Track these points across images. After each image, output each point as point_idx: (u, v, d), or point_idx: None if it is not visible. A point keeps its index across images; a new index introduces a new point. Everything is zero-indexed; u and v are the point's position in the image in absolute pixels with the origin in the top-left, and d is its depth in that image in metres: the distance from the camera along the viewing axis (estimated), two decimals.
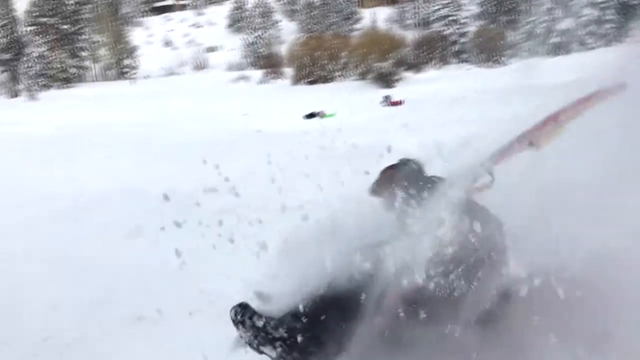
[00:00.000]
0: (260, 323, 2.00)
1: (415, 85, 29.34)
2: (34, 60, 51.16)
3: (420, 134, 8.65)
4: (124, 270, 4.53)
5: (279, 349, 2.00)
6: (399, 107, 18.67)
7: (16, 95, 48.17)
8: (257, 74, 49.71)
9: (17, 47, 54.63)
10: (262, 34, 63.74)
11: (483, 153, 2.33)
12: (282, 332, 1.98)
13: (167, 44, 73.61)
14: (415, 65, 42.84)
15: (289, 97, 31.57)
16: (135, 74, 58.00)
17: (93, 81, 58.23)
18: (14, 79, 52.97)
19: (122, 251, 5.02)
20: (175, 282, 4.05)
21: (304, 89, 37.47)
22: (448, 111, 11.80)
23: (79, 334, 3.28)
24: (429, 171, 3.12)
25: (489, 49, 45.15)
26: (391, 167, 2.55)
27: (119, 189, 7.52)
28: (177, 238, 5.06)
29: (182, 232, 4.75)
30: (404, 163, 2.63)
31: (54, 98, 43.65)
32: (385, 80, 35.03)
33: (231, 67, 60.81)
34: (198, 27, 79.98)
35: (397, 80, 35.34)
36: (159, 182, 7.76)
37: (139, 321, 3.60)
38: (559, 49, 38.53)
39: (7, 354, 3.05)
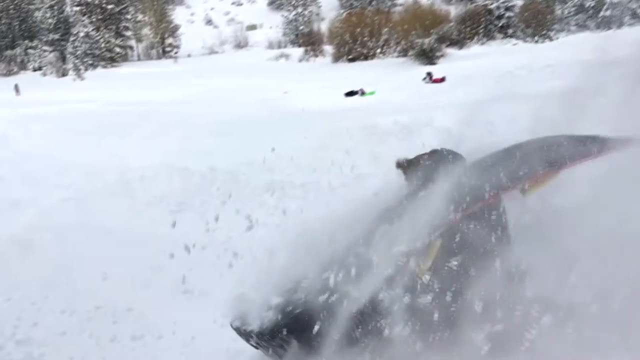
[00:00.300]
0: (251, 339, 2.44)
1: (458, 62, 28.60)
2: (80, 40, 52.43)
3: (464, 111, 8.45)
4: (171, 243, 4.64)
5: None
6: (441, 84, 18.26)
7: (64, 75, 49.57)
8: (297, 51, 49.52)
9: (64, 27, 56.05)
10: (302, 11, 63.19)
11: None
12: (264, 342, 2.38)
13: (209, 22, 74.04)
14: (459, 41, 41.69)
15: (329, 74, 31.36)
16: (177, 52, 58.76)
17: (137, 60, 59.33)
18: (62, 58, 54.52)
19: (168, 225, 5.14)
20: (220, 255, 4.14)
21: (344, 67, 37.15)
22: (494, 88, 11.46)
23: (128, 304, 3.40)
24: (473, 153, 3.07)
25: (536, 24, 43.46)
26: (426, 154, 2.87)
27: (164, 165, 7.69)
28: (221, 212, 5.16)
29: (227, 207, 4.85)
30: (438, 152, 2.70)
31: (100, 77, 44.73)
32: (428, 56, 34.30)
33: (271, 45, 60.77)
34: (239, 5, 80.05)
35: (439, 57, 34.56)
36: (203, 158, 7.91)
37: (184, 294, 3.70)
38: (610, 23, 36.76)
39: (64, 320, 3.20)
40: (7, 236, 5.40)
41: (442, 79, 18.89)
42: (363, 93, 18.67)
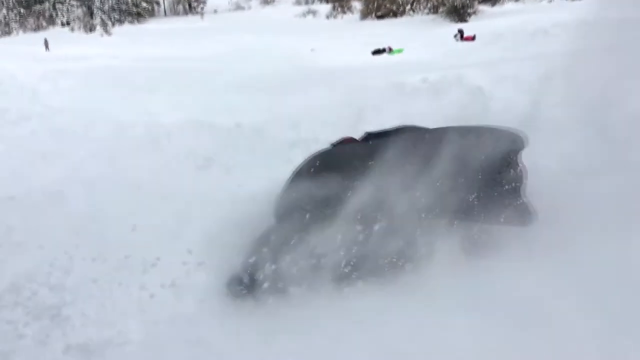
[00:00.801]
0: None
1: (491, 19, 27.65)
2: None
3: (495, 69, 8.22)
4: (198, 197, 4.70)
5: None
6: (472, 42, 17.74)
7: (92, 30, 49.75)
8: (325, 8, 48.63)
9: None
10: None
11: None
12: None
13: None
14: None
15: (357, 31, 30.73)
16: (203, 8, 58.26)
17: (163, 16, 59.06)
18: (90, 13, 54.59)
19: (196, 180, 5.20)
20: (245, 209, 4.17)
21: (372, 24, 36.35)
22: (527, 46, 11.10)
23: (156, 255, 3.46)
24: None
25: None
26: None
27: (191, 121, 7.71)
28: (247, 168, 5.17)
29: (252, 161, 4.87)
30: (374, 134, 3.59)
31: (127, 32, 44.75)
32: (459, 14, 33.29)
33: (299, 1, 59.75)
34: None
35: (471, 14, 33.52)
36: (229, 114, 7.90)
37: (209, 245, 3.75)
38: None
39: (95, 268, 3.29)
40: (38, 187, 5.53)
41: (473, 37, 18.35)
42: (391, 50, 18.29)
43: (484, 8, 35.85)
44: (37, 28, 55.61)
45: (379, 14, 40.01)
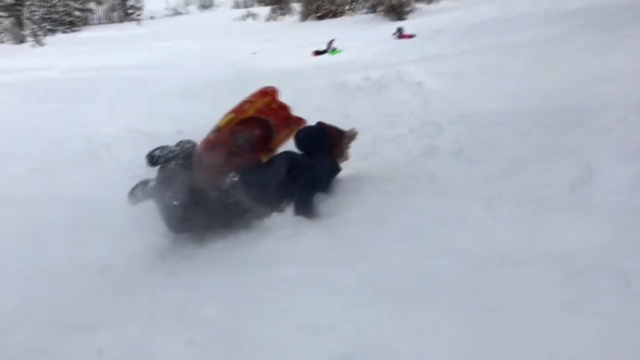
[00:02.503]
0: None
1: (428, 17, 28.33)
2: (37, 4, 50.20)
3: (435, 64, 8.41)
4: (142, 211, 4.57)
5: None
6: (411, 39, 18.10)
7: (22, 41, 47.60)
8: (264, 10, 48.42)
9: None
10: None
11: None
12: None
13: None
14: None
15: (297, 33, 30.79)
16: (140, 15, 56.83)
17: (98, 24, 57.22)
18: (19, 24, 52.20)
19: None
20: None
21: (313, 25, 36.49)
22: (464, 41, 11.41)
23: (105, 265, 3.36)
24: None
25: None
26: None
27: (131, 131, 7.50)
28: None
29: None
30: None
31: (60, 42, 43.06)
32: (397, 12, 33.91)
33: (238, 5, 59.32)
34: None
35: (409, 12, 34.20)
36: (171, 122, 7.75)
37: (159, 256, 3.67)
38: None
39: (34, 291, 3.14)
40: None
41: (412, 35, 18.70)
42: (333, 51, 18.41)
43: (420, 6, 36.66)
44: None
45: (318, 14, 40.21)
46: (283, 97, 8.60)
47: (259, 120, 4.06)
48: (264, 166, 3.82)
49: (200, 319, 2.46)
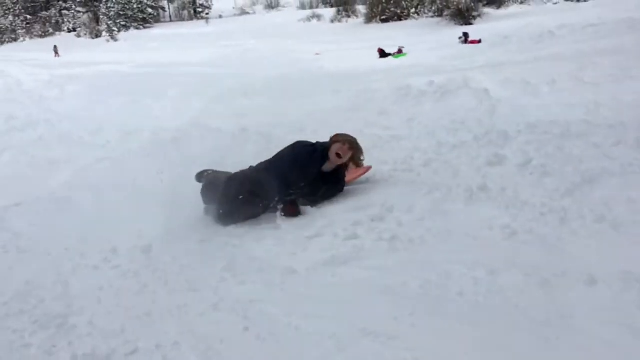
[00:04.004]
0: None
1: (496, 22, 27.65)
2: (113, 1, 52.56)
3: (503, 71, 8.18)
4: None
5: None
6: (478, 45, 17.69)
7: (98, 36, 49.98)
8: (329, 12, 48.68)
9: None
10: None
11: None
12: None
13: None
14: (497, 1, 40.25)
15: (362, 35, 30.78)
16: (208, 13, 58.46)
17: (169, 21, 59.28)
18: (96, 19, 54.88)
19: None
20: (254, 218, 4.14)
21: (377, 27, 36.38)
22: (535, 48, 11.02)
23: (171, 257, 3.44)
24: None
25: None
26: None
27: (197, 126, 7.71)
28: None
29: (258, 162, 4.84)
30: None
31: (133, 38, 44.96)
32: (464, 16, 33.27)
33: (303, 6, 59.91)
34: None
35: (476, 17, 33.49)
36: (234, 119, 7.90)
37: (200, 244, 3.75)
38: None
39: (102, 275, 3.27)
40: (46, 194, 5.54)
41: (479, 41, 18.29)
42: (396, 54, 18.27)
43: (489, 11, 35.82)
44: (44, 34, 55.93)
45: (383, 17, 40.01)
46: (345, 99, 8.63)
47: None
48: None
49: (261, 314, 2.48)
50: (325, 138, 6.32)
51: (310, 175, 4.22)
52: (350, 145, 4.27)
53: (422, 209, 3.53)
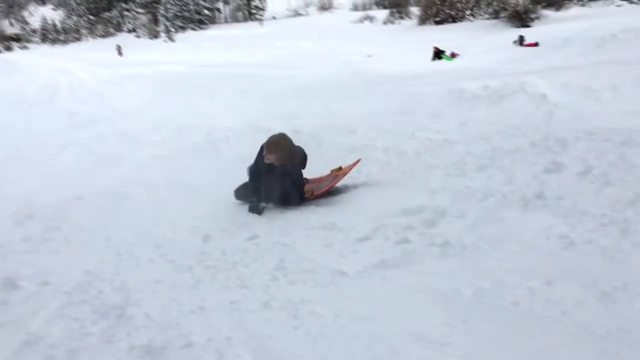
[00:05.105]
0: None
1: (555, 24, 26.75)
2: (171, 3, 54.13)
3: (561, 75, 7.91)
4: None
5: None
6: (535, 48, 17.17)
7: (156, 36, 51.59)
8: (382, 13, 48.43)
9: None
10: None
11: None
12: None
13: None
14: (556, 2, 38.96)
15: (415, 37, 30.43)
16: (262, 15, 59.29)
17: (224, 23, 60.52)
18: (155, 20, 56.64)
19: None
20: (298, 215, 4.19)
21: (431, 29, 35.90)
22: (597, 52, 10.59)
23: (221, 253, 3.53)
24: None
25: None
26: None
27: (249, 126, 7.84)
28: (304, 173, 5.17)
29: (309, 164, 4.89)
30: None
31: (189, 39, 46.12)
32: (521, 18, 32.36)
33: (356, 7, 59.83)
34: None
35: (534, 19, 32.52)
36: (286, 120, 7.98)
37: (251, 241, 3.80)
38: None
39: (159, 269, 3.38)
40: (105, 188, 5.77)
41: (536, 44, 17.75)
42: (450, 57, 17.98)
43: (548, 13, 34.71)
44: (105, 34, 58.22)
45: (437, 19, 39.46)
46: (397, 101, 8.55)
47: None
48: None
49: (311, 314, 2.50)
50: (376, 141, 6.32)
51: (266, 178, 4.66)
52: (267, 148, 4.65)
53: (476, 214, 3.47)
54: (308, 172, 4.97)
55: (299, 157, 4.80)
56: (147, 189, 5.65)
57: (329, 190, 4.76)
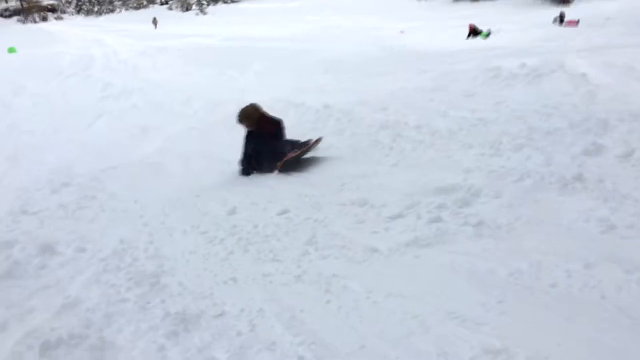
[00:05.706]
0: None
1: (598, 2, 25.77)
2: None
3: (603, 54, 7.63)
4: (284, 180, 4.76)
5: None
6: (575, 26, 16.60)
7: (188, 9, 51.65)
8: None
9: None
10: None
11: None
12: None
13: None
14: None
15: (449, 14, 29.78)
16: None
17: None
18: None
19: None
20: (333, 184, 4.18)
21: (466, 5, 35.00)
22: (639, 32, 10.20)
23: (254, 226, 3.55)
24: None
25: None
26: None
27: (280, 100, 7.82)
28: (335, 145, 5.15)
29: (341, 139, 4.87)
30: None
31: (221, 12, 46.06)
32: None
33: None
34: None
35: None
36: (317, 95, 7.94)
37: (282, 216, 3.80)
38: None
39: (193, 239, 3.43)
40: (139, 158, 5.87)
41: (577, 22, 17.16)
42: (486, 34, 17.54)
43: None
44: (138, 6, 58.51)
45: None
46: (430, 79, 8.39)
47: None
48: None
49: (343, 289, 2.51)
50: (408, 118, 6.23)
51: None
52: (238, 116, 5.30)
53: (511, 195, 3.40)
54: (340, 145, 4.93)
55: (270, 125, 5.27)
56: (180, 160, 5.72)
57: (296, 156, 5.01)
